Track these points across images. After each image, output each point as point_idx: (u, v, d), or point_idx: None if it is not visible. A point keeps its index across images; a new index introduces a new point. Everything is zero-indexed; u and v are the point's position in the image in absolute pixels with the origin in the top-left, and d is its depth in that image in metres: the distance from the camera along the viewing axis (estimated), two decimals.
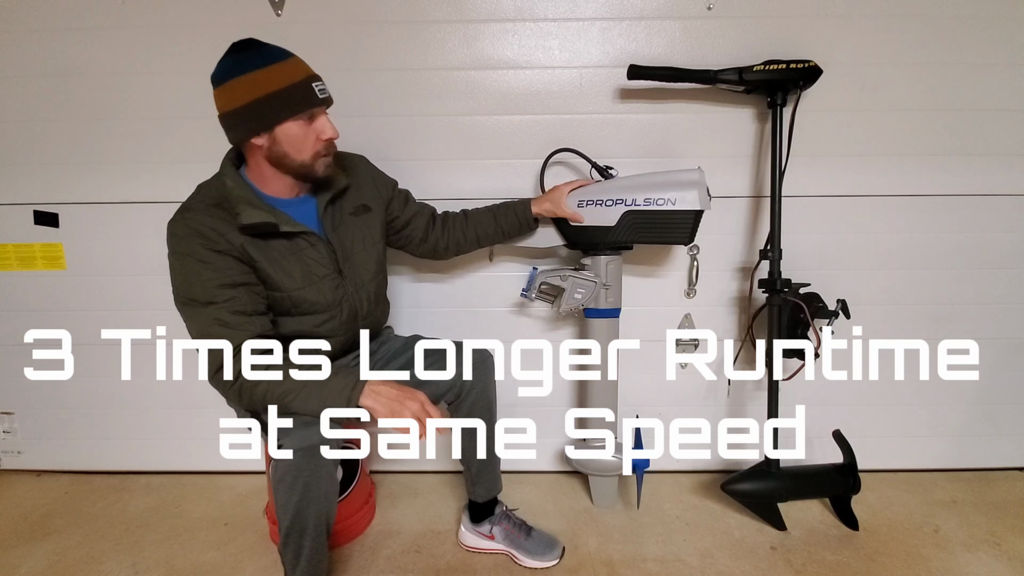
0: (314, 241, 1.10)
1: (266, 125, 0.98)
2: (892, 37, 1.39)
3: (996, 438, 1.65)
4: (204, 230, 0.98)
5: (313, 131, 1.01)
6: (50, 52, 1.42)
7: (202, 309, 0.98)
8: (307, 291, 1.09)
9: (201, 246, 0.97)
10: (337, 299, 1.14)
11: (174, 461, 1.70)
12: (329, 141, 1.04)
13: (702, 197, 1.27)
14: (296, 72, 0.99)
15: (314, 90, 0.99)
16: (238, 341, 0.97)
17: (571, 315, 1.56)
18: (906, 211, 1.50)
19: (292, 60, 1.00)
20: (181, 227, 0.99)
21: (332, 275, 1.12)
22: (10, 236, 1.54)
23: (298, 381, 0.97)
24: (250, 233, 1.01)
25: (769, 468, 1.43)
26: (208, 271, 0.97)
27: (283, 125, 0.98)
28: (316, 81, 1.01)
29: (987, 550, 1.33)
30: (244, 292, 1.00)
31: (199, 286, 0.97)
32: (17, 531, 1.44)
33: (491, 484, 1.35)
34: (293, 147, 1.01)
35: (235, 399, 1.01)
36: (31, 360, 1.61)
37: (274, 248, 1.05)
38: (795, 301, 1.36)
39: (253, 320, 1.00)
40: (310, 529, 1.01)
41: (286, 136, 0.99)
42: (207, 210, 1.00)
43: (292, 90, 0.97)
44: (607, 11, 1.39)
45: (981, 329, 1.57)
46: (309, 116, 1.00)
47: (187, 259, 0.97)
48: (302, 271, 1.08)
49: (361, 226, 1.19)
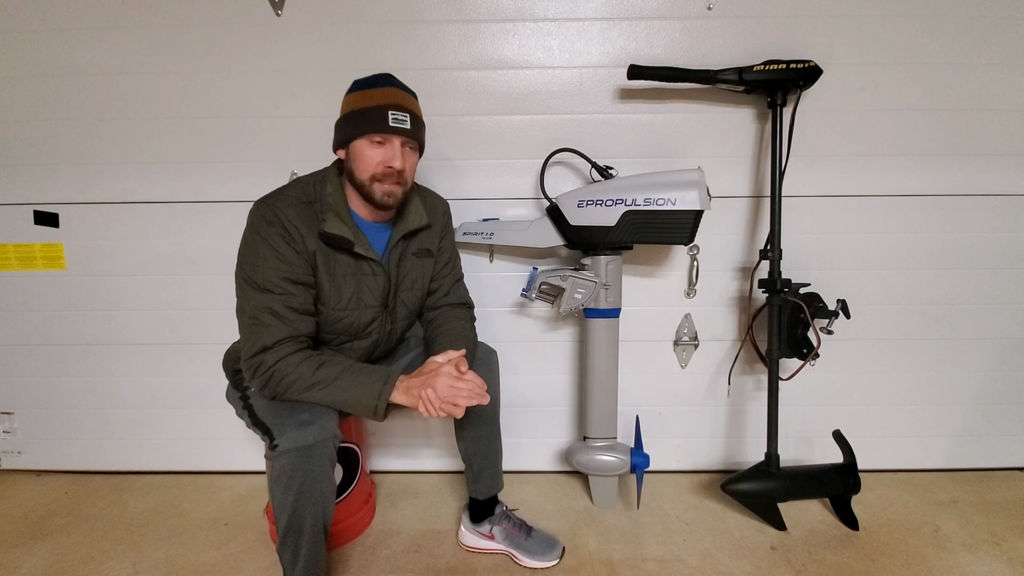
0: (377, 271, 1.13)
1: (345, 139, 1.06)
2: (892, 37, 1.39)
3: (996, 438, 1.65)
4: (287, 224, 1.02)
5: (379, 155, 1.05)
6: (50, 52, 1.42)
7: (258, 293, 1.01)
8: (348, 314, 1.12)
9: (279, 236, 1.02)
10: (370, 328, 1.16)
11: (174, 461, 1.70)
12: (391, 169, 1.05)
13: (702, 197, 1.27)
14: (382, 98, 1.04)
15: (387, 116, 1.03)
16: (285, 335, 1.01)
17: (571, 315, 1.56)
18: (906, 211, 1.50)
19: (385, 89, 1.06)
20: (269, 213, 1.03)
21: (377, 307, 1.15)
22: (10, 236, 1.54)
23: (331, 373, 1.00)
24: (326, 242, 1.06)
25: (769, 468, 1.43)
26: (278, 261, 1.01)
27: (356, 142, 1.05)
28: (395, 111, 1.04)
29: (987, 550, 1.32)
30: (303, 291, 1.04)
31: (263, 272, 1.01)
32: (17, 531, 1.44)
33: (492, 482, 1.35)
34: (358, 164, 1.06)
35: (260, 384, 1.02)
36: (31, 360, 1.62)
37: (339, 264, 1.09)
38: (795, 301, 1.36)
39: (303, 319, 1.04)
40: (307, 529, 1.01)
41: (355, 152, 1.06)
42: (297, 205, 1.05)
43: (369, 112, 1.03)
44: (607, 11, 1.39)
45: (981, 329, 1.57)
46: (380, 140, 1.04)
47: (263, 243, 1.02)
48: (354, 295, 1.11)
49: (419, 268, 1.22)
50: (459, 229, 1.45)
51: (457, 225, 1.45)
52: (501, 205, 1.50)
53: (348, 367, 1.02)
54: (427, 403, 1.00)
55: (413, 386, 1.01)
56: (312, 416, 0.99)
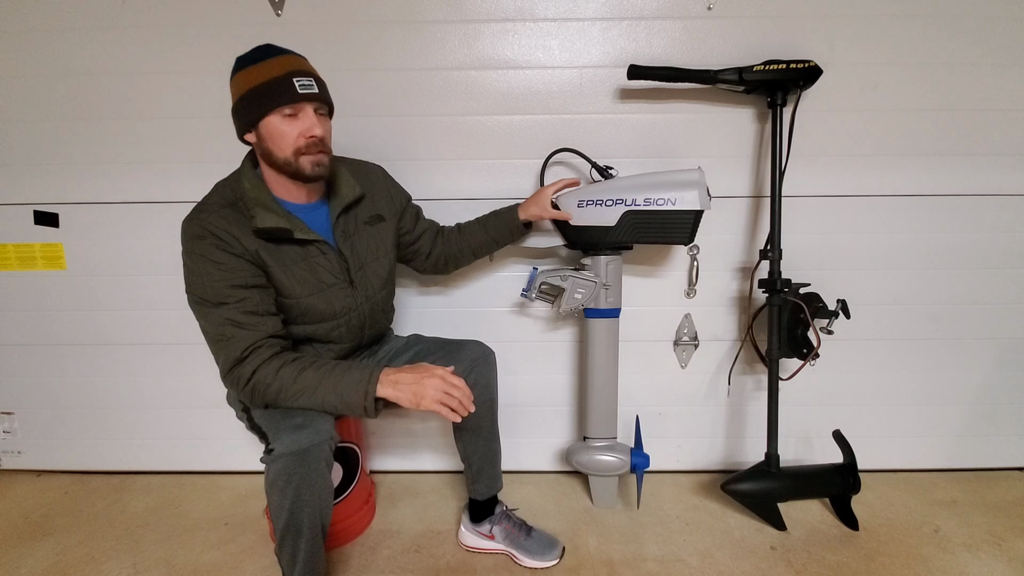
0: (325, 250, 1.10)
1: (252, 120, 0.99)
2: (892, 37, 1.39)
3: (996, 438, 1.65)
4: (218, 232, 0.98)
5: (296, 127, 0.99)
6: (50, 52, 1.42)
7: (214, 309, 0.98)
8: (315, 299, 1.09)
9: (215, 247, 0.98)
10: (346, 308, 1.14)
11: (174, 461, 1.70)
12: (313, 138, 1.00)
13: (702, 197, 1.27)
14: (280, 67, 0.98)
15: (294, 84, 0.97)
16: (251, 341, 0.98)
17: (571, 315, 1.56)
18: (906, 211, 1.50)
19: (281, 57, 0.99)
20: (196, 227, 0.99)
21: (341, 284, 1.13)
22: (10, 236, 1.54)
23: (314, 378, 0.98)
24: (264, 237, 1.02)
25: (769, 468, 1.43)
26: (220, 272, 0.98)
27: (265, 120, 0.98)
28: (299, 76, 0.98)
29: (987, 550, 1.32)
30: (256, 293, 1.01)
31: (211, 287, 0.98)
32: (17, 531, 1.44)
33: (492, 481, 1.35)
34: (275, 143, 1.00)
35: (248, 397, 1.00)
36: (31, 360, 1.62)
37: (286, 254, 1.05)
38: (795, 301, 1.36)
39: (266, 320, 1.01)
40: (305, 531, 1.00)
41: (268, 131, 0.99)
42: (221, 211, 1.01)
43: (272, 84, 0.97)
44: (607, 11, 1.39)
45: (981, 329, 1.57)
46: (292, 112, 0.98)
47: (200, 259, 0.98)
48: (312, 279, 1.08)
49: (375, 236, 1.19)
50: None
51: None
52: (501, 205, 1.50)
53: (329, 369, 0.99)
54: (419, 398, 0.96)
55: (402, 380, 0.98)
56: (307, 419, 0.98)
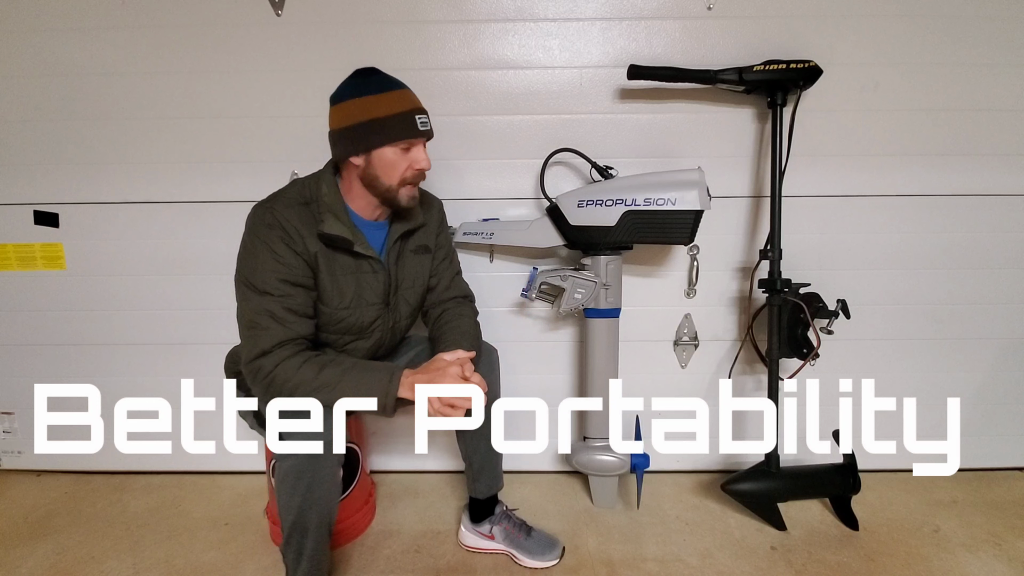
0: (377, 269, 1.13)
1: (366, 147, 1.03)
2: (892, 37, 1.39)
3: (996, 438, 1.64)
4: (287, 226, 1.02)
5: (406, 160, 1.05)
6: (50, 52, 1.42)
7: (257, 296, 1.00)
8: (350, 313, 1.11)
9: (279, 239, 1.01)
10: (373, 326, 1.16)
11: (174, 461, 1.69)
12: (420, 171, 1.07)
13: (702, 197, 1.27)
14: (403, 103, 1.03)
15: (416, 122, 1.03)
16: (282, 337, 1.00)
17: (571, 315, 1.56)
18: (906, 211, 1.50)
19: (403, 91, 1.05)
20: (268, 216, 1.02)
21: (379, 304, 1.15)
22: (10, 236, 1.54)
23: (333, 375, 0.99)
24: (325, 242, 1.05)
25: (769, 468, 1.43)
26: (277, 263, 1.01)
27: (380, 150, 1.03)
28: (420, 114, 1.05)
29: (987, 550, 1.32)
30: (302, 293, 1.04)
31: (262, 274, 1.00)
32: (18, 531, 1.44)
33: (492, 481, 1.35)
34: (384, 171, 1.05)
35: (263, 388, 1.01)
36: (32, 360, 1.62)
37: (338, 263, 1.08)
38: (795, 301, 1.36)
39: (302, 321, 1.03)
40: (312, 529, 1.01)
41: (380, 160, 1.04)
42: (295, 207, 1.04)
43: (396, 119, 1.02)
44: (607, 11, 1.39)
45: (981, 329, 1.57)
46: (406, 145, 1.04)
47: (262, 246, 1.01)
48: (355, 293, 1.11)
49: (418, 265, 1.22)
50: (459, 229, 1.45)
51: (457, 225, 1.45)
52: (501, 205, 1.50)
53: (351, 367, 1.02)
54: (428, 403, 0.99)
55: (420, 382, 1.01)
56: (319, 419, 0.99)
